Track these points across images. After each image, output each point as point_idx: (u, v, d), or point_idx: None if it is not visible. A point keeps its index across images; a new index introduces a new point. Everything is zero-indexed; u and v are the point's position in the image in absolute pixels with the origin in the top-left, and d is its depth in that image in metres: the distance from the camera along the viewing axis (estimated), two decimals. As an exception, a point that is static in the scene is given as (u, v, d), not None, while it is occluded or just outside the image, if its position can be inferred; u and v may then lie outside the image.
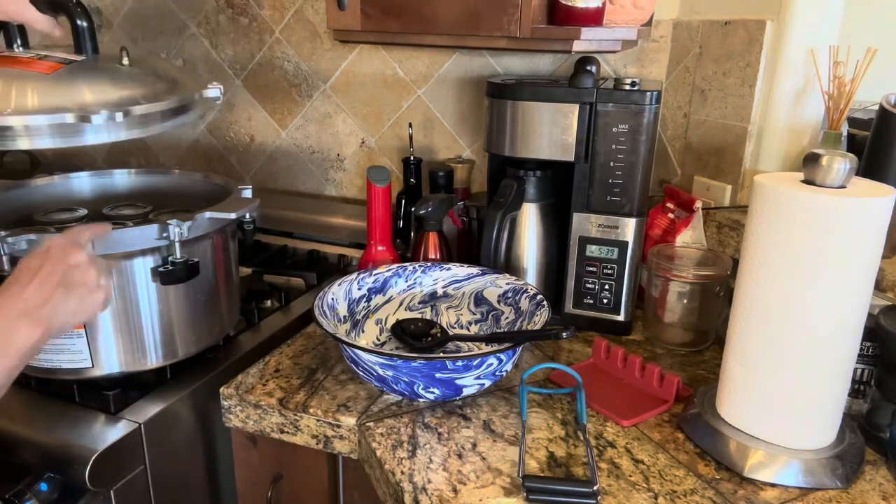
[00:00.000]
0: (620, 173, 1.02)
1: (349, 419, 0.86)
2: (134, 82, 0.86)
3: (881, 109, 0.98)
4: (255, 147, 1.61)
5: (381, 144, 1.49)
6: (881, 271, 0.90)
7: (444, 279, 1.08)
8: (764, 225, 0.72)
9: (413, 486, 0.74)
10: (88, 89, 0.82)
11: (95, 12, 1.63)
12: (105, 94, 0.82)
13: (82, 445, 0.83)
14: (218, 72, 1.57)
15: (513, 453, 0.79)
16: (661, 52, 1.25)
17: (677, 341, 1.05)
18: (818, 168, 0.70)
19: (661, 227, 1.19)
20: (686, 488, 0.74)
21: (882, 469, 0.78)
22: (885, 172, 0.96)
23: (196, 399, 0.96)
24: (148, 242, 0.88)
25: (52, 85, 0.81)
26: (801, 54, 1.05)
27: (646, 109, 0.98)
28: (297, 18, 1.46)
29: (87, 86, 0.82)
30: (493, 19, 1.00)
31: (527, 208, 1.10)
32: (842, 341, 0.72)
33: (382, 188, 1.16)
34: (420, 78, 1.41)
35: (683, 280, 1.02)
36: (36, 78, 0.81)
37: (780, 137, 1.10)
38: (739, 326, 0.77)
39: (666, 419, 0.86)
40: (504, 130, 1.05)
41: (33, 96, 0.80)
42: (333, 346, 1.03)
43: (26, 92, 0.80)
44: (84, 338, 0.88)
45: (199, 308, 0.98)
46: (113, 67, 0.87)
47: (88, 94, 0.82)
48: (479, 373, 0.85)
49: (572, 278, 1.08)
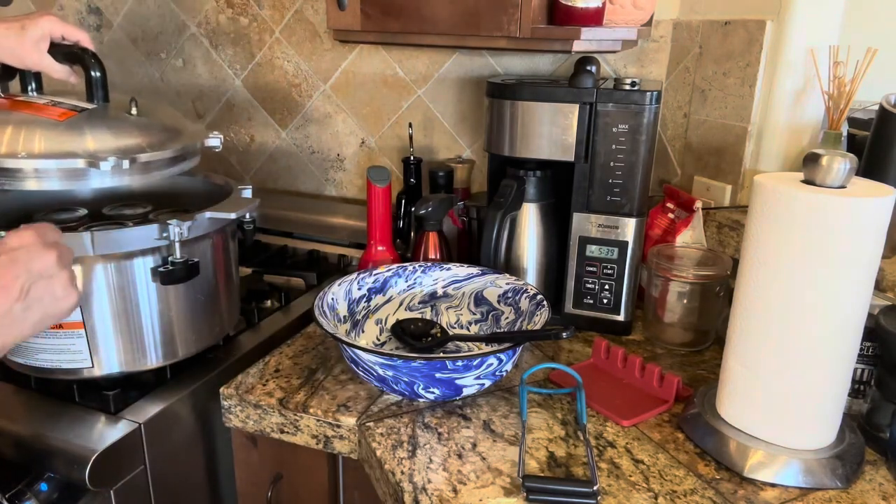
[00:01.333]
0: (620, 173, 1.02)
1: (349, 419, 0.86)
2: (140, 131, 0.90)
3: (881, 109, 0.98)
4: (255, 147, 1.61)
5: (381, 144, 1.49)
6: (881, 271, 0.90)
7: (444, 279, 1.08)
8: (764, 225, 0.72)
9: (413, 486, 0.74)
10: (95, 137, 0.85)
11: (95, 12, 1.64)
12: (112, 142, 0.86)
13: (82, 445, 0.83)
14: (218, 72, 1.58)
15: (513, 453, 0.79)
16: (661, 52, 1.25)
17: (677, 341, 1.05)
18: (818, 168, 0.70)
19: (661, 227, 1.19)
20: (686, 488, 0.74)
21: (882, 469, 0.78)
22: (885, 172, 0.96)
23: (196, 399, 0.96)
24: (148, 242, 0.88)
25: (63, 131, 0.85)
26: (801, 54, 1.05)
27: (646, 109, 0.98)
28: (297, 18, 1.46)
29: (95, 133, 0.86)
30: (493, 19, 1.00)
31: (527, 208, 1.10)
32: (842, 341, 0.72)
33: (382, 188, 1.16)
34: (420, 78, 1.41)
35: (683, 280, 1.02)
36: (49, 124, 0.85)
37: (780, 137, 1.10)
38: (739, 326, 0.77)
39: (666, 419, 0.86)
40: (504, 130, 1.05)
41: (46, 141, 0.83)
42: (333, 346, 1.03)
43: (39, 137, 0.83)
44: (84, 338, 0.88)
45: (199, 308, 0.98)
46: (122, 116, 0.91)
47: (96, 142, 0.85)
48: (479, 373, 0.85)
49: (572, 278, 1.08)
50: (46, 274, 0.66)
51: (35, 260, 0.66)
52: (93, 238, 0.85)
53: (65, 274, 0.69)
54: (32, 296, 0.65)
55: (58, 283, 0.68)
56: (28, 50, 0.88)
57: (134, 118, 0.91)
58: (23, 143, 0.83)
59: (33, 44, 0.88)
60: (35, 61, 0.89)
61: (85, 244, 0.85)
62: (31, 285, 0.65)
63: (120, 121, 0.90)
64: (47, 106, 0.88)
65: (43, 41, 0.88)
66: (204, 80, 1.60)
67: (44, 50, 0.89)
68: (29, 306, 0.65)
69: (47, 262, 0.67)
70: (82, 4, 1.64)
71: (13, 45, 0.87)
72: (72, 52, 0.90)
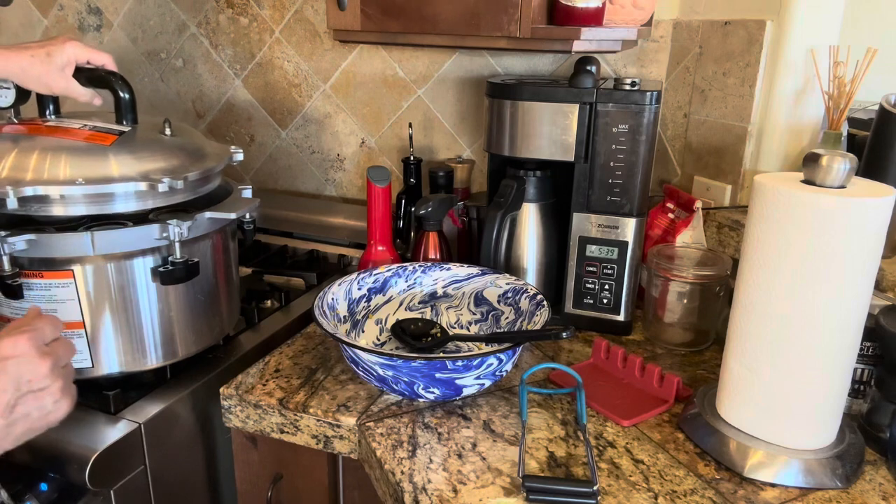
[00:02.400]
0: (620, 173, 1.02)
1: (349, 419, 0.86)
2: (181, 152, 0.93)
3: (881, 109, 0.98)
4: (255, 147, 1.61)
5: (381, 144, 1.49)
6: (881, 271, 0.90)
7: (444, 279, 1.08)
8: (764, 225, 0.72)
9: (413, 486, 0.74)
10: (143, 159, 0.89)
11: (95, 12, 1.64)
12: (162, 163, 0.89)
13: (82, 445, 0.83)
14: (218, 72, 1.58)
15: (513, 453, 0.79)
16: (661, 52, 1.25)
17: (677, 341, 1.05)
18: (818, 168, 0.70)
19: (661, 227, 1.19)
20: (686, 488, 0.74)
21: (882, 469, 0.78)
22: (885, 172, 0.96)
23: (196, 399, 0.96)
24: (148, 242, 0.88)
25: (112, 155, 0.87)
26: (801, 54, 1.05)
27: (646, 109, 0.98)
28: (297, 18, 1.46)
29: (142, 155, 0.89)
30: (493, 19, 1.00)
31: (527, 208, 1.10)
32: (842, 341, 0.72)
33: (382, 188, 1.16)
34: (420, 78, 1.41)
35: (683, 280, 1.02)
36: (98, 150, 0.87)
37: (780, 137, 1.10)
38: (739, 326, 0.77)
39: (666, 419, 0.86)
40: (504, 130, 1.05)
41: (100, 167, 0.85)
42: (333, 346, 1.03)
43: (92, 163, 0.85)
44: (84, 338, 0.89)
45: (199, 308, 0.98)
46: (159, 138, 0.94)
47: (146, 163, 0.88)
48: (479, 373, 0.85)
49: (572, 278, 1.08)
50: (37, 387, 0.63)
51: (25, 372, 0.62)
52: (93, 238, 0.85)
53: (57, 385, 0.65)
54: (18, 412, 0.62)
55: (48, 395, 0.64)
56: (54, 77, 0.89)
57: (169, 139, 0.94)
58: (77, 168, 0.84)
59: (59, 71, 0.89)
60: (62, 87, 0.91)
61: (85, 244, 0.85)
62: (17, 399, 0.62)
63: (159, 143, 0.93)
64: (82, 130, 0.90)
65: (68, 67, 0.90)
66: (204, 80, 1.60)
67: (69, 76, 0.90)
68: (13, 422, 0.62)
69: (39, 374, 0.63)
70: (82, 4, 1.64)
71: (40, 73, 0.89)
72: (98, 75, 0.92)
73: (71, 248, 0.85)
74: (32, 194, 0.82)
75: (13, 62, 0.88)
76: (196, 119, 1.64)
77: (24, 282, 0.85)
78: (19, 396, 0.62)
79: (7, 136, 0.89)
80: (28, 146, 0.86)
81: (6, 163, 0.84)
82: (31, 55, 0.88)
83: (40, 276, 0.85)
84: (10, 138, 0.88)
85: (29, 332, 0.64)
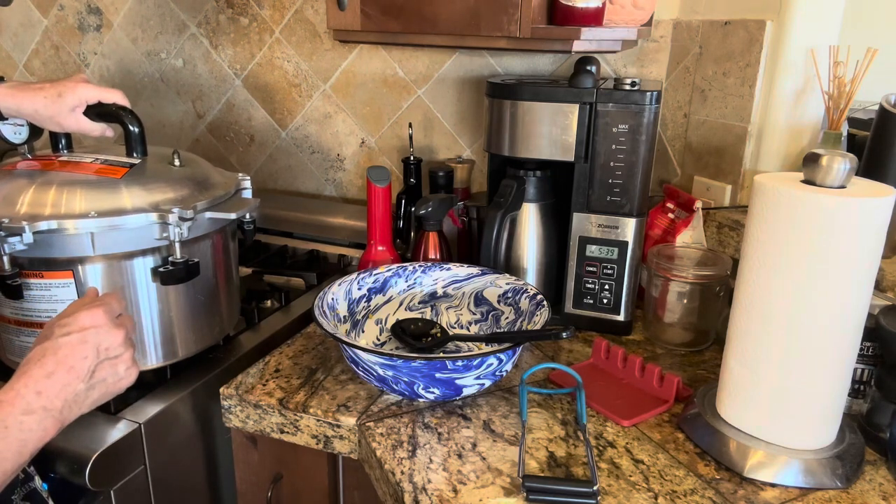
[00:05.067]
0: (620, 173, 1.02)
1: (349, 419, 0.86)
2: (189, 182, 0.95)
3: (881, 109, 0.98)
4: (255, 147, 1.61)
5: (381, 144, 1.49)
6: (881, 271, 0.90)
7: (444, 279, 1.08)
8: (764, 225, 0.72)
9: (413, 486, 0.74)
10: (152, 190, 0.90)
11: (95, 12, 1.64)
12: (171, 194, 0.91)
13: (82, 445, 0.83)
14: (218, 72, 1.58)
15: (513, 453, 0.79)
16: (661, 52, 1.25)
17: (677, 341, 1.05)
18: (818, 168, 0.70)
19: (661, 227, 1.19)
20: (686, 488, 0.74)
21: (882, 469, 0.78)
22: (885, 172, 0.97)
23: (196, 399, 0.96)
24: (148, 242, 0.89)
25: (124, 187, 0.89)
26: (801, 54, 1.05)
27: (646, 109, 0.98)
28: (297, 18, 1.46)
29: (152, 187, 0.91)
30: (493, 19, 1.00)
31: (527, 208, 1.10)
32: (842, 341, 0.72)
33: (382, 188, 1.16)
34: (420, 78, 1.41)
35: (683, 280, 1.02)
36: (109, 183, 0.89)
37: (780, 137, 1.10)
38: (739, 326, 0.77)
39: (666, 419, 0.86)
40: (504, 130, 1.05)
41: (111, 199, 0.87)
42: (333, 346, 1.03)
43: (104, 196, 0.87)
44: (84, 338, 0.88)
45: (199, 308, 0.98)
46: (168, 169, 0.96)
47: (156, 195, 0.90)
48: (479, 373, 0.85)
49: (572, 278, 1.08)
50: (113, 354, 0.68)
51: (103, 341, 0.67)
52: (93, 238, 0.85)
53: (129, 353, 0.70)
54: (97, 376, 0.67)
55: (121, 362, 0.69)
56: (65, 117, 0.92)
57: (178, 169, 0.96)
58: (90, 202, 0.86)
59: (69, 111, 0.92)
60: (73, 126, 0.94)
61: (85, 244, 0.85)
62: (97, 365, 0.67)
63: (168, 173, 0.95)
64: (93, 164, 0.93)
65: (79, 108, 0.93)
66: (204, 80, 1.60)
67: (80, 115, 0.93)
68: (92, 386, 0.67)
69: (115, 342, 0.68)
70: (82, 4, 1.64)
71: (52, 114, 0.92)
72: (108, 111, 0.95)
73: (71, 248, 0.85)
74: (47, 228, 0.83)
75: (27, 104, 0.91)
76: (196, 119, 1.64)
77: (24, 282, 0.85)
78: (98, 363, 0.67)
79: (23, 173, 0.91)
80: (44, 181, 0.88)
81: (24, 198, 0.85)
82: (43, 97, 0.91)
83: (40, 276, 0.85)
84: (27, 174, 0.90)
85: (103, 306, 0.69)
